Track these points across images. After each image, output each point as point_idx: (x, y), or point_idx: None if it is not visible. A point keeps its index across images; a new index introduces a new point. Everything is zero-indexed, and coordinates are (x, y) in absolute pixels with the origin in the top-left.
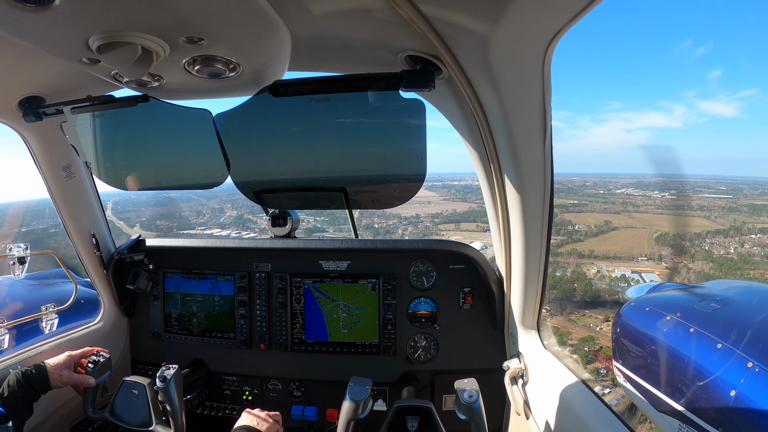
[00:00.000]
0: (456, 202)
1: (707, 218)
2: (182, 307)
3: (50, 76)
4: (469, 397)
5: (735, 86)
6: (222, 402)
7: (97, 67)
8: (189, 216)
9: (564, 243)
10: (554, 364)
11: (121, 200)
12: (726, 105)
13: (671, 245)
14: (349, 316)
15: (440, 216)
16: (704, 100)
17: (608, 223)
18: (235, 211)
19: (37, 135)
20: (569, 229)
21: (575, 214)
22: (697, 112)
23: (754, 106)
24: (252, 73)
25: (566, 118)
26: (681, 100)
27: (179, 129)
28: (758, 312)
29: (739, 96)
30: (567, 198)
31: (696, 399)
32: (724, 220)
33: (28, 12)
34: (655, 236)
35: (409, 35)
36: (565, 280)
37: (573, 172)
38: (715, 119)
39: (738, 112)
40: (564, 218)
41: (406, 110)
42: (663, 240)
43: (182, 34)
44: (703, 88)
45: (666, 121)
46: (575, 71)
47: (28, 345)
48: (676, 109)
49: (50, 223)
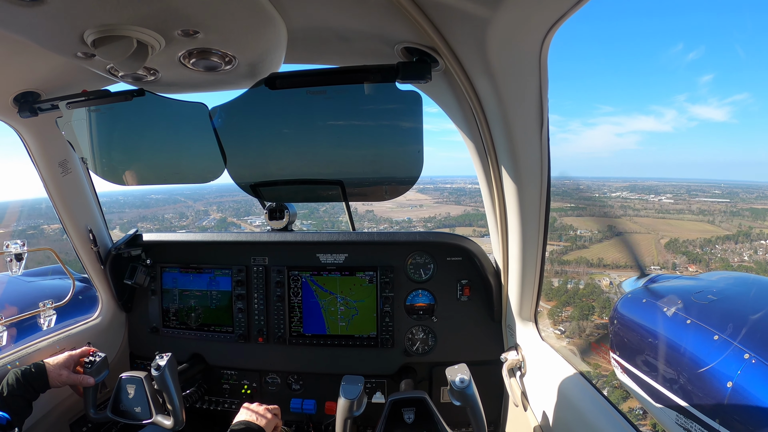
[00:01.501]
0: (449, 205)
1: (711, 222)
2: (180, 301)
3: (45, 71)
4: (461, 382)
5: (726, 91)
6: (221, 396)
7: (92, 61)
8: (171, 218)
9: (568, 249)
10: (552, 355)
11: (108, 201)
12: (716, 109)
13: (684, 252)
14: (347, 308)
15: (434, 220)
16: (695, 104)
17: (612, 228)
18: (219, 213)
19: (32, 131)
20: (572, 234)
21: (575, 218)
22: (688, 117)
23: (744, 110)
24: (248, 65)
25: (557, 122)
26: (672, 105)
27: (175, 123)
28: (755, 303)
29: (729, 101)
30: (564, 201)
31: (693, 390)
32: (729, 224)
33: (23, 6)
34: (663, 242)
35: (406, 27)
36: (579, 295)
37: (565, 176)
38: (706, 123)
39: (728, 116)
40: (564, 222)
41: (403, 102)
42: (674, 247)
43: (177, 27)
44: (694, 92)
45: (657, 125)
46: (566, 76)
47: (26, 342)
48: (666, 113)
49: (29, 225)
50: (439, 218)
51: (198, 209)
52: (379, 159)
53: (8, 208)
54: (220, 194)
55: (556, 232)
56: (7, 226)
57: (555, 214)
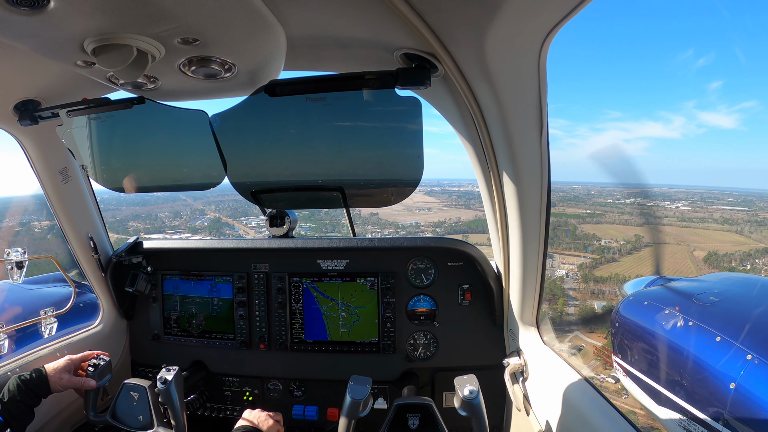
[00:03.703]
0: (459, 209)
1: (739, 233)
2: (181, 308)
3: (45, 80)
4: (469, 393)
5: (735, 98)
6: (222, 403)
7: (92, 69)
8: (164, 218)
9: (598, 263)
10: (554, 359)
11: (103, 199)
12: (725, 116)
13: (729, 269)
14: (348, 315)
15: (443, 225)
16: (704, 111)
17: (639, 238)
18: (216, 213)
19: (33, 139)
20: (596, 245)
21: (594, 225)
22: (697, 123)
23: (753, 117)
24: (247, 73)
25: (564, 127)
26: (680, 111)
27: (175, 130)
28: (757, 305)
29: (738, 108)
30: (578, 207)
31: (696, 391)
32: (759, 235)
33: (23, 15)
34: (698, 254)
35: (405, 33)
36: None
37: (573, 181)
38: (714, 130)
39: (737, 123)
40: (585, 231)
41: (403, 108)
42: (714, 261)
43: (177, 35)
44: (703, 99)
45: (665, 132)
46: (574, 77)
47: (27, 349)
48: (675, 120)
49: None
50: (449, 223)
51: (196, 208)
52: (379, 165)
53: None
54: (222, 193)
55: (579, 242)
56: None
57: (573, 220)
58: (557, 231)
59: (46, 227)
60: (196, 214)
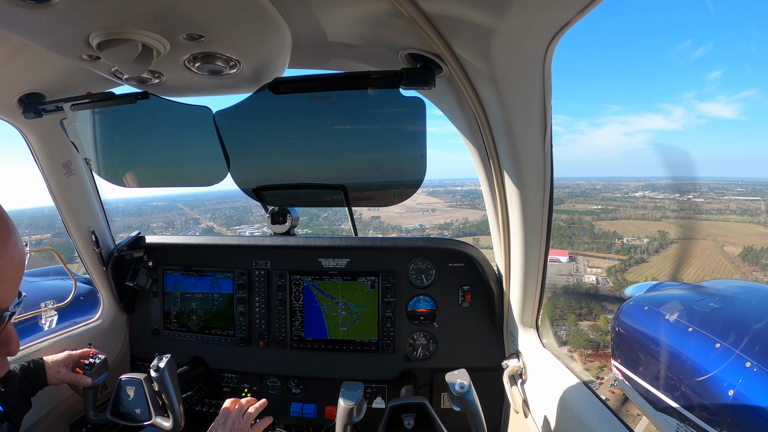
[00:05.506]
0: (464, 209)
1: (764, 224)
2: (181, 304)
3: (50, 73)
4: (460, 388)
5: (735, 87)
6: (221, 399)
7: (97, 64)
8: (155, 228)
9: (627, 265)
10: (553, 362)
11: (107, 209)
12: (725, 106)
13: None
14: (348, 313)
15: (450, 227)
16: (703, 101)
17: (664, 234)
18: (210, 222)
19: (36, 132)
20: (618, 243)
21: (610, 222)
22: (697, 114)
23: (753, 106)
24: (252, 70)
25: (565, 122)
26: (680, 102)
27: (179, 126)
28: (757, 312)
29: (738, 97)
30: (588, 203)
31: (694, 398)
32: None
33: (29, 9)
34: (729, 251)
35: (411, 33)
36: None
37: (576, 176)
38: (715, 121)
39: (738, 113)
40: (603, 228)
41: (407, 107)
42: (752, 257)
43: (182, 31)
44: (703, 89)
45: (665, 124)
46: (573, 72)
47: (27, 342)
48: (675, 111)
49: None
50: (456, 225)
51: (191, 217)
52: (382, 164)
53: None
54: (220, 201)
55: (599, 240)
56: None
57: (588, 218)
58: (573, 229)
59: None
60: (190, 224)
